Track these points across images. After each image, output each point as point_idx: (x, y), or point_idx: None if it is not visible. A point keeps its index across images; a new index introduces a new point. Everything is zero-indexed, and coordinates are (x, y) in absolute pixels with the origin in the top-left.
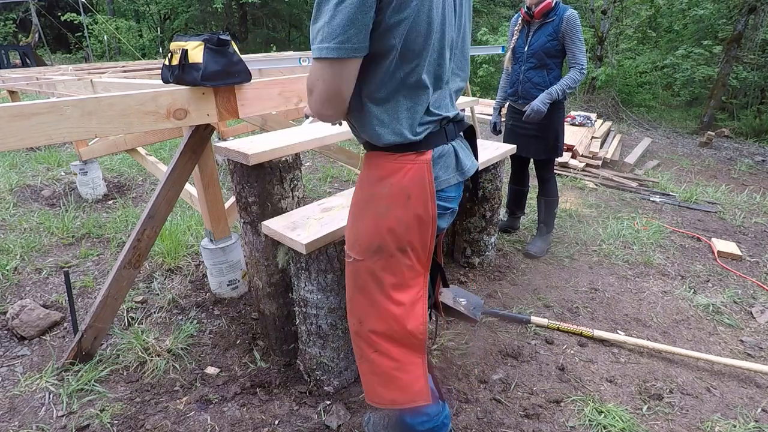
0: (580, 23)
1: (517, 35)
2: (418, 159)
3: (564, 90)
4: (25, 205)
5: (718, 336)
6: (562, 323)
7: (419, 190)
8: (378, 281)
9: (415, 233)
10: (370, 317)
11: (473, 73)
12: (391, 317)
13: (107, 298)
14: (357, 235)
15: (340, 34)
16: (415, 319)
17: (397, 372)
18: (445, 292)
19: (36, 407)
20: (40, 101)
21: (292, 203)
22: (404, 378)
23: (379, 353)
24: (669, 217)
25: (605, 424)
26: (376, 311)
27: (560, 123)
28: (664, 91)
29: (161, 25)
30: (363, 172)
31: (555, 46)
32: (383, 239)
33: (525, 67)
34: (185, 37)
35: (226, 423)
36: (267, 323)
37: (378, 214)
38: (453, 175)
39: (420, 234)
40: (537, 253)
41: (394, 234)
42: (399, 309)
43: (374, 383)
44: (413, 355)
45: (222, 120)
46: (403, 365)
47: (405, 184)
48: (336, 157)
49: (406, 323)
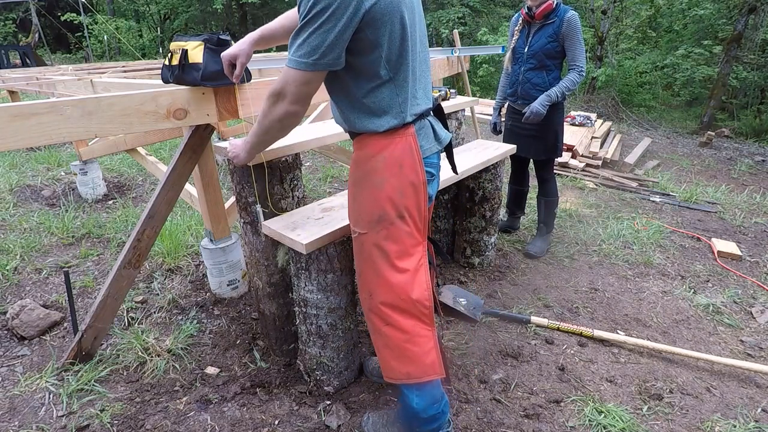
0: (580, 25)
1: (517, 35)
2: (404, 132)
3: (563, 92)
4: (25, 205)
5: (718, 336)
6: (562, 323)
7: (409, 158)
8: (382, 251)
9: (410, 198)
10: (378, 289)
11: (473, 73)
12: (396, 286)
13: (107, 298)
14: (359, 211)
15: (318, 55)
16: (419, 286)
17: (408, 344)
18: (445, 292)
19: (36, 407)
20: (40, 101)
21: (292, 203)
22: (415, 350)
23: (390, 326)
24: (669, 217)
25: (605, 424)
26: (384, 282)
27: (560, 123)
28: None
29: (161, 25)
30: (355, 154)
31: (555, 48)
32: (383, 208)
33: (525, 68)
34: (185, 37)
35: (226, 423)
36: (267, 323)
37: (375, 186)
38: (433, 144)
39: (415, 199)
40: (537, 253)
41: (392, 202)
42: (403, 276)
43: (388, 358)
44: (422, 326)
45: (222, 120)
46: (413, 337)
47: (397, 155)
48: (336, 157)
49: (411, 292)
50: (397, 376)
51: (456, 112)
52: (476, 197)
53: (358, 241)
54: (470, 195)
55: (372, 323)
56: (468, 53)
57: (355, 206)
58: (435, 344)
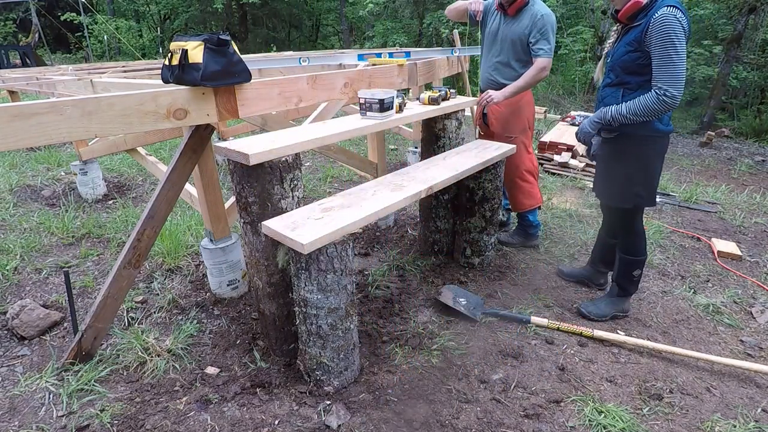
0: (678, 27)
1: (614, 37)
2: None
3: (624, 115)
4: (25, 205)
5: (718, 336)
6: (562, 323)
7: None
8: (525, 144)
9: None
10: (522, 161)
11: (473, 73)
12: (530, 158)
13: (107, 298)
14: (513, 127)
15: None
16: (535, 161)
17: (532, 189)
18: (445, 292)
19: (36, 407)
20: (40, 101)
21: (292, 203)
22: (534, 191)
23: (525, 181)
24: (669, 217)
25: (605, 424)
26: (526, 158)
27: (639, 163)
28: None
29: (161, 25)
30: (513, 102)
31: (635, 60)
32: (524, 124)
33: (603, 83)
34: (185, 37)
35: (226, 423)
36: (267, 323)
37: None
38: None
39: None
40: (596, 315)
41: (528, 121)
42: (532, 156)
43: (521, 198)
44: (536, 179)
45: (222, 120)
46: (533, 186)
47: (528, 98)
48: (336, 157)
49: (534, 161)
50: (524, 207)
51: (456, 112)
52: (476, 197)
53: (513, 141)
54: (470, 195)
55: (514, 182)
56: (468, 53)
57: (509, 126)
58: (537, 187)
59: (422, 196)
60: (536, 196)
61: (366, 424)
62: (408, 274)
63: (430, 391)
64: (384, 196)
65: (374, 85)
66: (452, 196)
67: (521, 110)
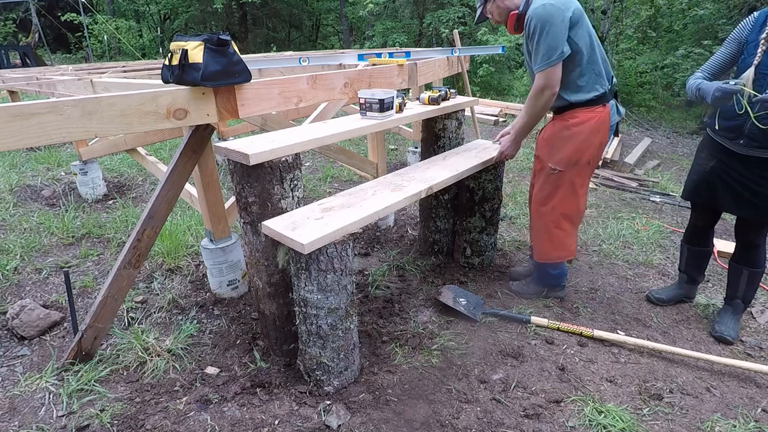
0: None
1: (765, 47)
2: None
3: None
4: (25, 205)
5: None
6: (562, 323)
7: (591, 129)
8: (573, 183)
9: (597, 152)
10: (562, 204)
11: (473, 73)
12: (575, 203)
13: (107, 298)
14: (557, 157)
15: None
16: (583, 203)
17: (566, 239)
18: (445, 292)
19: (36, 407)
20: (40, 101)
21: (292, 203)
22: (568, 242)
23: (559, 228)
24: (669, 217)
25: (605, 424)
26: (570, 200)
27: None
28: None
29: (161, 25)
30: (557, 122)
31: None
32: (573, 156)
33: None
34: (185, 37)
35: (226, 423)
36: (267, 323)
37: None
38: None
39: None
40: (734, 337)
41: (583, 153)
42: (580, 199)
43: (548, 247)
44: (575, 228)
45: (222, 120)
46: (568, 235)
47: (589, 124)
48: (336, 157)
49: (580, 206)
50: (550, 258)
51: (456, 112)
52: (476, 197)
53: (557, 176)
54: (470, 195)
55: (545, 225)
56: (468, 53)
57: (559, 154)
58: (576, 238)
59: (422, 196)
60: (569, 248)
61: (366, 424)
62: (408, 274)
63: (430, 391)
64: (384, 196)
65: (374, 85)
66: (452, 196)
67: (572, 138)
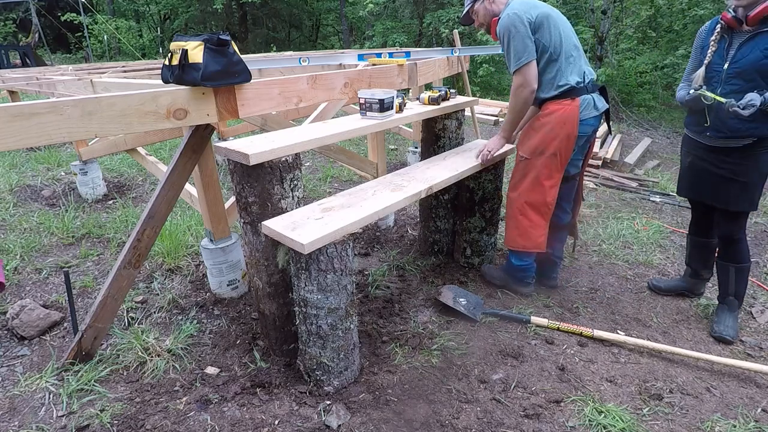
0: None
1: (714, 48)
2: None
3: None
4: (25, 205)
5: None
6: (562, 323)
7: (558, 121)
8: (536, 173)
9: (564, 144)
10: (528, 192)
11: (473, 73)
12: (541, 194)
13: (107, 298)
14: (525, 146)
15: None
16: (551, 196)
17: (531, 229)
18: (445, 292)
19: (36, 407)
20: (40, 101)
21: (292, 203)
22: (534, 233)
23: (524, 216)
24: (669, 217)
25: (605, 424)
26: (535, 189)
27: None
28: (664, 91)
29: (161, 25)
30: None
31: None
32: (539, 146)
33: (722, 92)
34: (185, 37)
35: (226, 423)
36: (267, 323)
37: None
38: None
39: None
40: (733, 337)
41: (547, 144)
42: (545, 190)
43: (514, 233)
44: (543, 220)
45: (222, 120)
46: (535, 226)
47: (556, 115)
48: (336, 157)
49: (547, 197)
50: (516, 245)
51: (456, 112)
52: (476, 197)
53: (523, 164)
54: (470, 195)
55: (512, 211)
56: (468, 53)
57: (528, 142)
58: (545, 233)
59: (422, 196)
60: (535, 240)
61: (366, 424)
62: (408, 274)
63: (430, 391)
64: (384, 196)
65: (374, 85)
66: (452, 196)
67: (540, 128)
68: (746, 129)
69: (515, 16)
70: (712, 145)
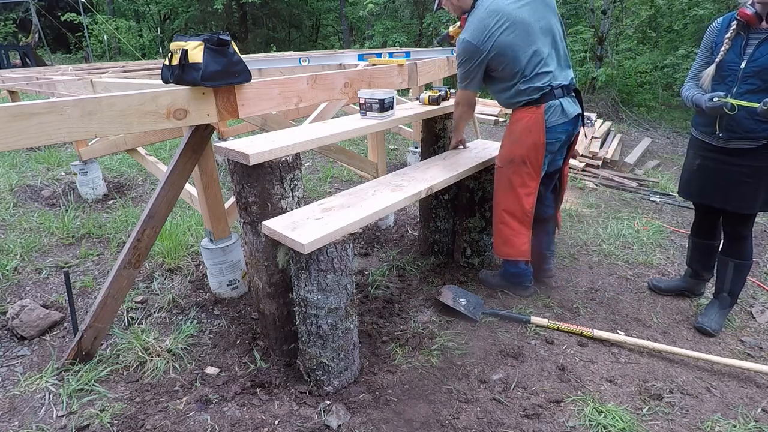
0: None
1: (728, 45)
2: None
3: None
4: (25, 205)
5: (718, 336)
6: (562, 323)
7: (530, 130)
8: (510, 180)
9: (531, 153)
10: (503, 200)
11: None
12: (516, 201)
13: (107, 298)
14: (500, 153)
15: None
16: (527, 204)
17: (512, 237)
18: (445, 292)
19: (36, 407)
20: (40, 101)
21: (292, 203)
22: (517, 241)
23: (504, 225)
24: (669, 217)
25: (605, 424)
26: (509, 196)
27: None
28: (664, 91)
29: (161, 25)
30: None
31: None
32: (512, 154)
33: (738, 91)
34: (185, 37)
35: (226, 423)
36: (267, 323)
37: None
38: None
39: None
40: (715, 330)
41: (517, 154)
42: (520, 197)
43: (499, 243)
44: (524, 228)
45: (222, 120)
46: (516, 234)
47: (525, 124)
48: (336, 157)
49: (524, 205)
50: (501, 254)
51: None
52: (476, 197)
53: (499, 172)
54: (470, 195)
55: (494, 219)
56: None
57: (501, 151)
58: (528, 240)
59: (422, 196)
60: (519, 248)
61: (366, 424)
62: (408, 274)
63: (430, 391)
64: (384, 196)
65: (374, 85)
66: (452, 196)
67: (509, 136)
68: (762, 130)
69: (470, 46)
70: (723, 146)
